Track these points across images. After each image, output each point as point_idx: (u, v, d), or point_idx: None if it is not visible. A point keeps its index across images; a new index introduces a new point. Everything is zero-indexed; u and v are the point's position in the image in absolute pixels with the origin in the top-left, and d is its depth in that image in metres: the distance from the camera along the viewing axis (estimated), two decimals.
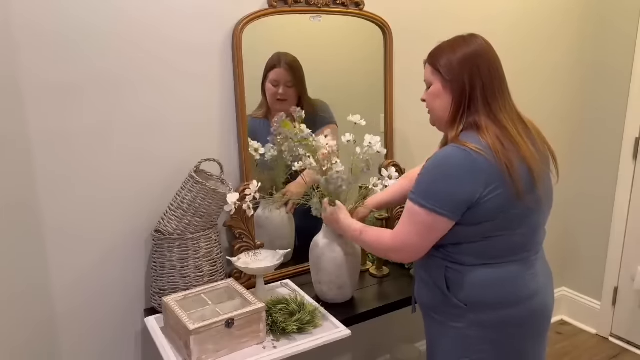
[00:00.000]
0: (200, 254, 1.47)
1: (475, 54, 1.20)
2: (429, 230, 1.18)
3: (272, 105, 1.68)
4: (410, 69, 1.91)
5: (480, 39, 1.24)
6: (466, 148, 1.14)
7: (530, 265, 1.25)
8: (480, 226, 1.17)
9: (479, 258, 1.21)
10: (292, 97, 1.69)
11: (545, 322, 1.30)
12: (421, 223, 1.18)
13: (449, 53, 1.22)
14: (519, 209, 1.17)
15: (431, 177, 1.18)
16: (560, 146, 2.55)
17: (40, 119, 1.33)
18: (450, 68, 1.21)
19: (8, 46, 1.25)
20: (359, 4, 1.71)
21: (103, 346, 1.54)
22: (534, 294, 1.24)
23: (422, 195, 1.17)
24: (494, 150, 1.13)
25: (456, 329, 1.25)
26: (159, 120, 1.48)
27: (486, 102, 1.19)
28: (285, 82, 1.66)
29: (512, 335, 1.24)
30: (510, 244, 1.21)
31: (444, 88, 1.22)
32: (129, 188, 1.48)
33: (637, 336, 2.52)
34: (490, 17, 2.09)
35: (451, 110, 1.22)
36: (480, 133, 1.16)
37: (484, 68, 1.19)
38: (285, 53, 1.66)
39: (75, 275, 1.46)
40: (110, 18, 1.36)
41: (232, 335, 1.28)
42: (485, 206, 1.14)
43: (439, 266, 1.25)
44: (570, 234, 2.71)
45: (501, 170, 1.13)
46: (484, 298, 1.22)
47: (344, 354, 1.99)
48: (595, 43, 2.47)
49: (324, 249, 1.49)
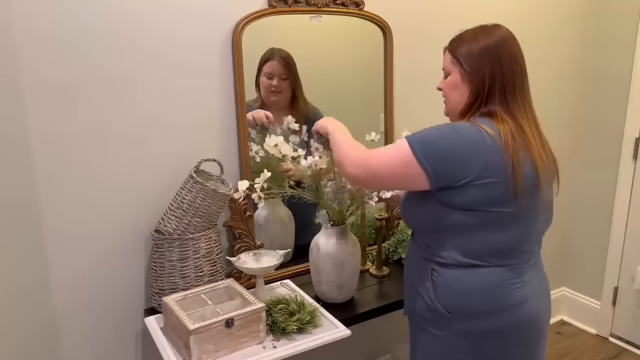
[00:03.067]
0: (200, 254, 1.47)
1: (497, 46, 1.16)
2: (401, 167, 1.12)
3: (267, 98, 1.68)
4: (410, 68, 1.91)
5: (504, 29, 1.20)
6: (478, 127, 1.11)
7: (519, 273, 1.19)
8: (467, 214, 1.13)
9: (463, 255, 1.16)
10: (286, 90, 1.70)
11: (537, 332, 1.24)
12: (400, 156, 1.12)
13: (470, 42, 1.18)
14: (512, 208, 1.13)
15: (436, 131, 1.13)
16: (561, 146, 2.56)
17: (40, 118, 1.33)
18: (470, 59, 1.17)
19: (8, 46, 1.25)
20: (359, 4, 1.71)
21: (103, 346, 1.54)
22: (520, 302, 1.19)
23: (418, 140, 1.12)
24: (504, 140, 1.10)
25: (440, 337, 1.22)
26: (159, 120, 1.48)
27: (504, 98, 1.16)
28: (279, 74, 1.67)
29: (499, 345, 1.20)
30: (497, 244, 1.16)
31: (462, 79, 1.19)
32: (129, 188, 1.48)
33: (637, 336, 2.52)
34: (491, 18, 2.08)
35: (467, 101, 1.19)
36: (495, 120, 1.14)
37: (505, 62, 1.15)
38: (279, 48, 1.67)
39: (75, 275, 1.46)
40: (111, 18, 1.36)
41: (232, 335, 1.28)
42: (476, 191, 1.10)
43: (425, 269, 1.22)
44: (571, 234, 2.72)
45: (505, 162, 1.09)
46: (467, 305, 1.18)
47: (344, 354, 1.99)
48: (596, 44, 2.47)
49: (324, 249, 1.49)
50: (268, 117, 1.65)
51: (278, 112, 1.71)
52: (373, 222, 1.84)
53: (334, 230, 1.49)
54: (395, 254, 1.85)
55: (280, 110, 1.71)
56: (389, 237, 1.90)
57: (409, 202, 1.27)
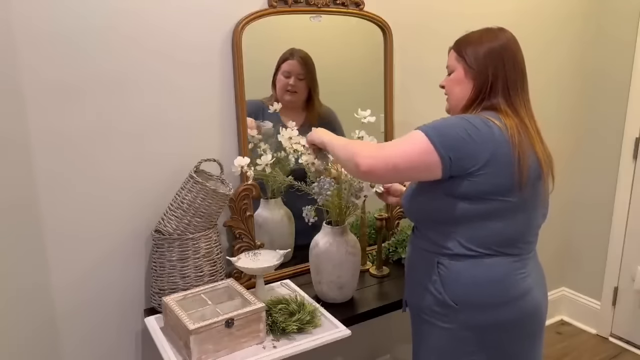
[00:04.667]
0: (200, 254, 1.47)
1: (502, 48, 1.20)
2: (419, 156, 1.12)
3: (281, 97, 1.68)
4: (410, 68, 1.91)
5: (509, 33, 1.24)
6: (485, 118, 1.15)
7: (522, 264, 1.23)
8: (472, 203, 1.15)
9: (469, 245, 1.18)
10: (302, 91, 1.71)
11: (538, 323, 1.28)
12: (417, 145, 1.12)
13: (476, 43, 1.22)
14: (516, 199, 1.16)
15: (447, 121, 1.16)
16: (561, 146, 2.57)
17: (41, 118, 1.33)
18: (475, 57, 1.21)
19: (8, 45, 1.25)
20: (359, 4, 1.71)
21: (103, 346, 1.54)
22: (524, 293, 1.22)
23: (433, 129, 1.13)
24: (510, 133, 1.14)
25: (447, 330, 1.24)
26: (159, 120, 1.48)
27: (507, 94, 1.20)
28: (297, 74, 1.68)
29: (503, 338, 1.23)
30: (502, 234, 1.19)
31: (466, 75, 1.22)
32: (129, 188, 1.48)
33: (637, 336, 2.52)
34: (490, 17, 2.08)
35: (470, 96, 1.22)
36: (500, 114, 1.17)
37: (508, 63, 1.20)
38: (299, 49, 1.68)
39: (76, 276, 1.46)
40: (111, 17, 1.36)
41: (232, 335, 1.28)
42: (483, 180, 1.13)
43: (430, 262, 1.24)
44: (571, 234, 2.71)
45: (511, 153, 1.13)
46: (474, 297, 1.20)
47: (344, 354, 1.99)
48: (596, 44, 2.47)
49: (324, 249, 1.49)
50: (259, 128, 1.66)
51: (292, 111, 1.71)
52: (373, 222, 1.84)
53: (334, 230, 1.49)
54: (395, 254, 1.85)
55: (293, 110, 1.72)
56: (389, 237, 1.90)
57: (414, 194, 1.28)
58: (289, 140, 1.48)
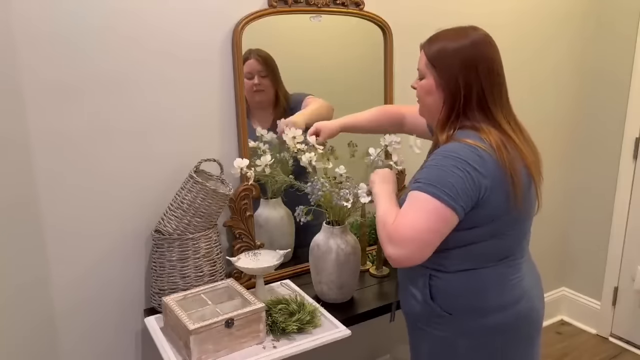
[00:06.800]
0: (200, 254, 1.46)
1: (474, 54, 1.12)
2: (440, 221, 1.06)
3: (251, 100, 1.66)
4: (410, 68, 1.90)
5: (481, 33, 1.16)
6: (470, 145, 1.08)
7: (516, 269, 1.21)
8: (472, 231, 1.13)
9: (465, 262, 1.17)
10: (268, 88, 1.69)
11: (534, 326, 1.26)
12: (433, 212, 1.06)
13: (446, 49, 1.14)
14: (513, 214, 1.14)
15: (441, 169, 1.08)
16: (561, 146, 2.57)
17: (40, 117, 1.33)
18: (444, 65, 1.13)
19: (8, 46, 1.25)
20: (359, 4, 1.71)
21: (103, 346, 1.54)
22: (519, 298, 1.20)
23: (433, 184, 1.07)
24: (497, 151, 1.09)
25: (442, 338, 1.22)
26: (158, 119, 1.48)
27: (486, 107, 1.13)
28: (258, 71, 1.65)
29: (500, 343, 1.21)
30: (498, 248, 1.17)
31: (437, 87, 1.16)
32: (129, 188, 1.48)
33: (637, 336, 2.52)
34: (490, 18, 2.09)
35: (443, 111, 1.17)
36: (481, 133, 1.11)
37: (482, 70, 1.12)
38: (257, 48, 1.63)
39: (75, 275, 1.46)
40: (110, 17, 1.36)
41: (232, 335, 1.28)
42: (484, 207, 1.10)
43: (423, 275, 1.21)
44: (571, 233, 2.71)
45: (504, 173, 1.09)
46: (469, 305, 1.18)
47: (344, 354, 1.99)
48: (596, 43, 2.47)
49: (324, 249, 1.49)
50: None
51: (263, 111, 1.70)
52: (373, 222, 1.84)
53: (334, 230, 1.49)
54: None
55: (264, 110, 1.71)
56: None
57: None
58: (292, 140, 1.47)
